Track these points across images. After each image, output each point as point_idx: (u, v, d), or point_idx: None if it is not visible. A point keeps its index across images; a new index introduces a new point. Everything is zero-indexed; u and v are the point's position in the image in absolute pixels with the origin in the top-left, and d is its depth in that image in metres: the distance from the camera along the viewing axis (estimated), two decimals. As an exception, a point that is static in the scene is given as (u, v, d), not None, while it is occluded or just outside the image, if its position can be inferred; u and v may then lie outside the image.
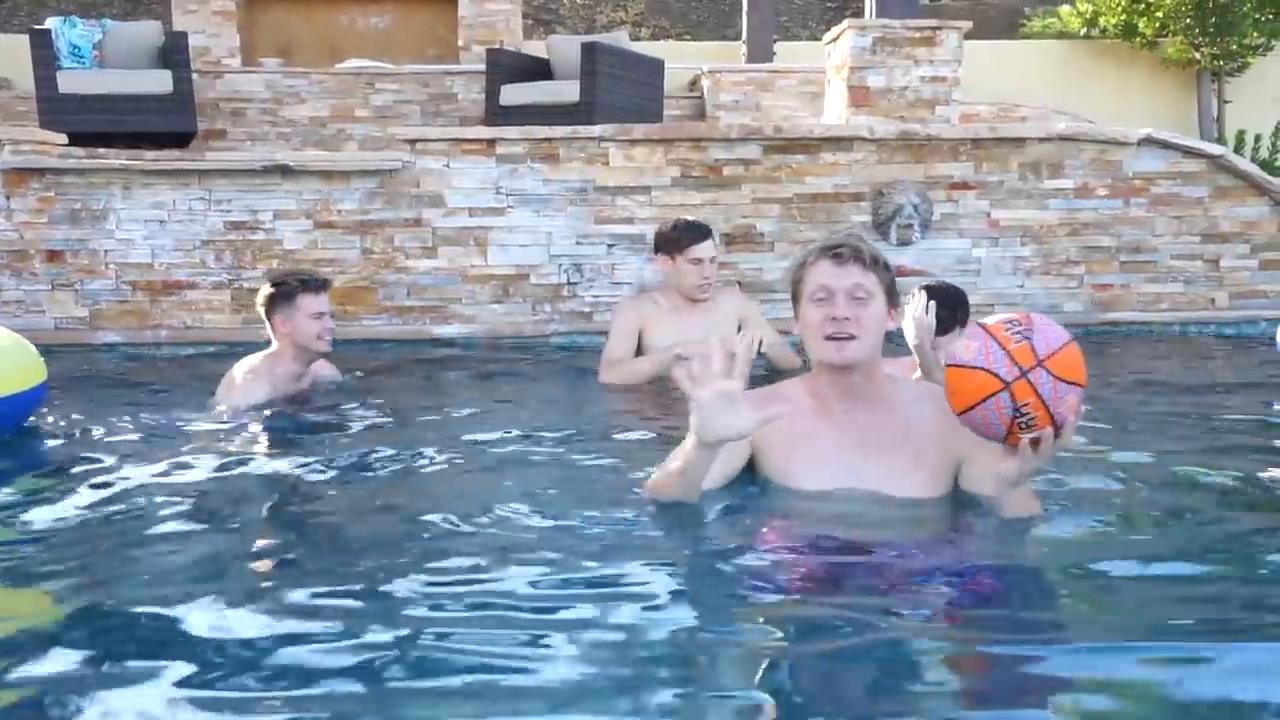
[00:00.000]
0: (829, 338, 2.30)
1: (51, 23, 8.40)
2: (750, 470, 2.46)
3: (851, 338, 2.29)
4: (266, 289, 4.15)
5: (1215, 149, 6.84)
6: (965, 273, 6.48)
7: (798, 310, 2.41)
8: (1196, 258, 6.75)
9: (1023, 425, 2.04)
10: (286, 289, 4.06)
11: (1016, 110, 10.39)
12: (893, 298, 2.36)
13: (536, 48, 10.11)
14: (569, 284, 6.43)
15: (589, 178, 6.41)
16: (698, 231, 4.61)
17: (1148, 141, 6.65)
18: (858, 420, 2.37)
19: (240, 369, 4.14)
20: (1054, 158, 6.63)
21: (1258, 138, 11.76)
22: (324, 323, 4.08)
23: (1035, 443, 2.03)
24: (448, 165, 6.35)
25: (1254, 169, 6.77)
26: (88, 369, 5.33)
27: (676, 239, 4.62)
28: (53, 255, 6.15)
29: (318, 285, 4.08)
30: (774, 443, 2.40)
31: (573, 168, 6.40)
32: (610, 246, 6.44)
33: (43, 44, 8.09)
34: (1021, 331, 2.08)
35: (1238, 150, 11.39)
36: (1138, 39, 11.95)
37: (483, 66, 9.06)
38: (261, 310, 4.16)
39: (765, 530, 2.27)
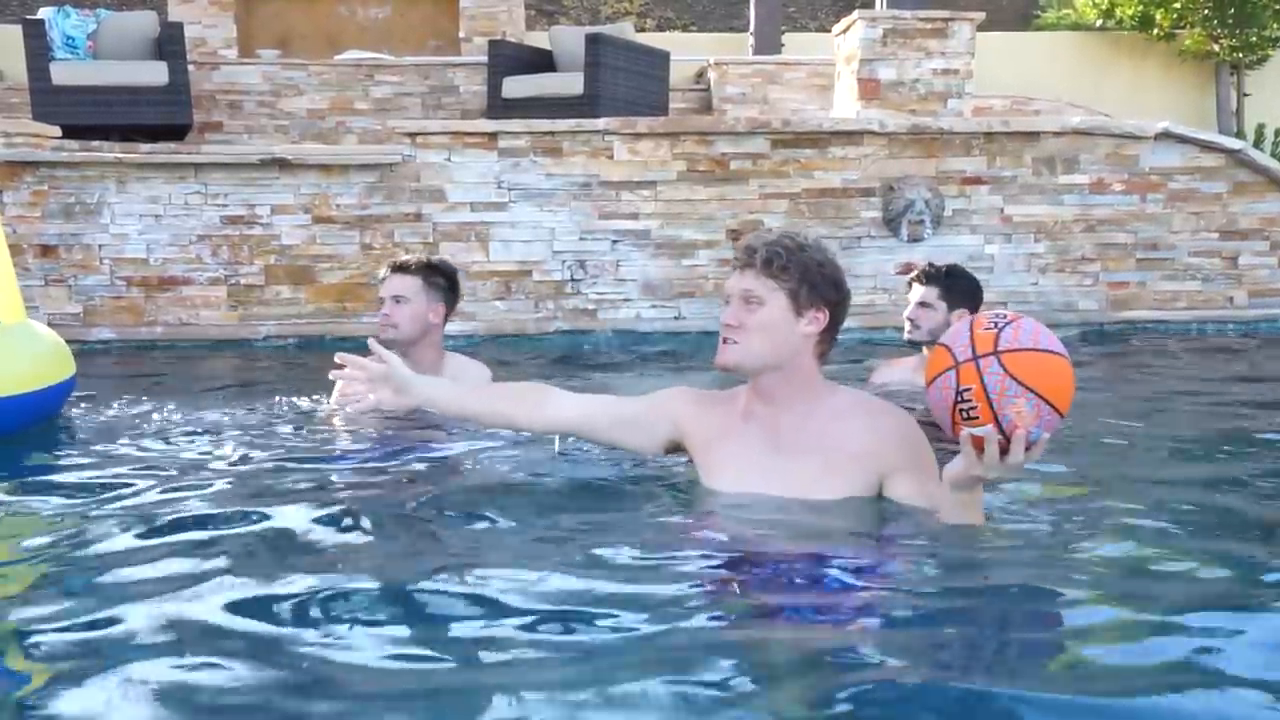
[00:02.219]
0: (722, 340, 2.35)
1: (45, 13, 8.41)
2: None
3: (733, 342, 2.31)
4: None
5: (1234, 143, 6.83)
6: (977, 270, 6.40)
7: None
8: (1214, 255, 6.73)
9: (964, 414, 1.98)
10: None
11: (1030, 103, 10.37)
12: (803, 300, 2.29)
13: (539, 39, 10.11)
14: (572, 281, 6.44)
15: (593, 172, 6.41)
16: None
17: (1165, 135, 6.64)
18: (776, 424, 2.38)
19: None
20: (1068, 152, 6.62)
21: (1278, 131, 11.74)
22: (383, 308, 3.70)
23: (981, 445, 1.99)
24: (448, 159, 6.35)
25: (1274, 164, 6.76)
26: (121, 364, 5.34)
27: None
28: (46, 250, 6.16)
29: (390, 268, 3.74)
30: (699, 441, 2.49)
31: (576, 162, 6.40)
32: (614, 243, 6.44)
33: (36, 34, 8.11)
34: (998, 321, 2.03)
35: (1257, 144, 11.37)
36: (1155, 30, 11.93)
37: (484, 58, 9.06)
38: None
39: (679, 529, 2.34)
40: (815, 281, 2.31)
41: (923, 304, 4.02)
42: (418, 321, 3.67)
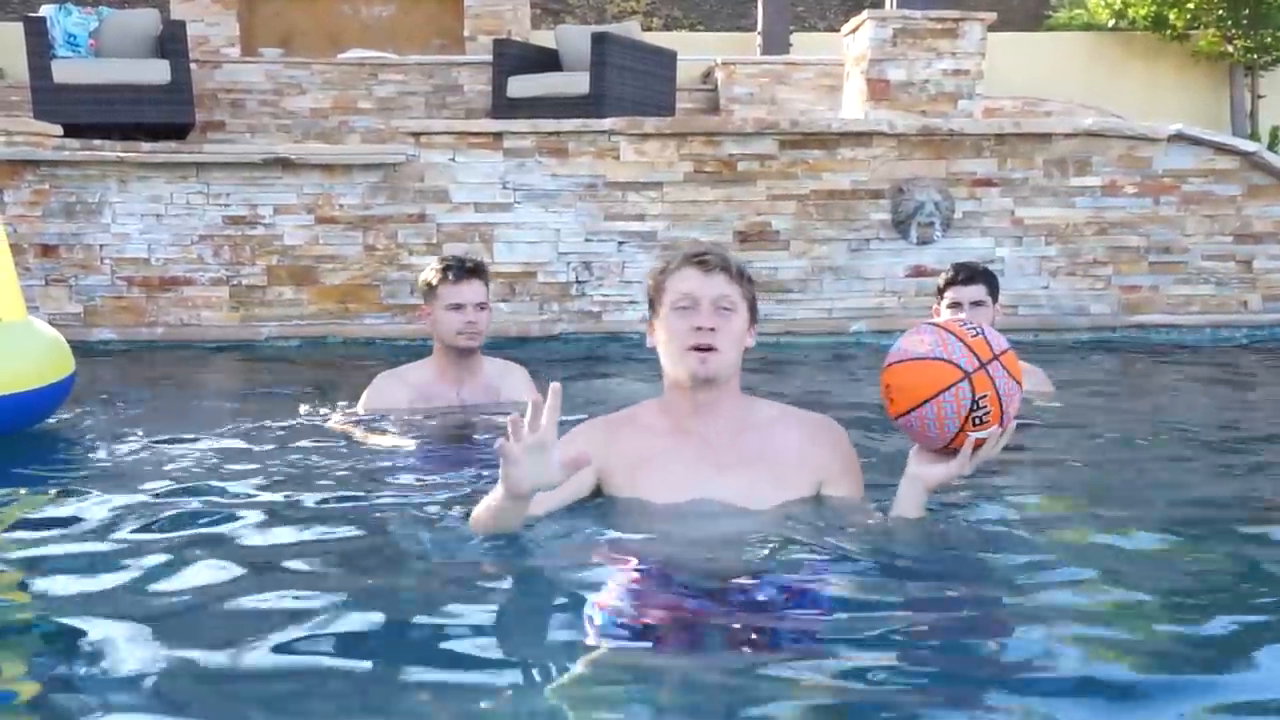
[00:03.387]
0: (693, 348, 2.22)
1: (46, 10, 8.44)
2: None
3: (714, 349, 2.22)
4: (422, 274, 3.69)
5: (1248, 145, 6.82)
6: (988, 273, 6.47)
7: (655, 321, 2.31)
8: (1228, 258, 6.72)
9: (976, 421, 2.07)
10: (430, 276, 3.57)
11: (1042, 105, 10.36)
12: (753, 314, 2.30)
13: (545, 38, 10.13)
14: (577, 283, 6.44)
15: (599, 173, 6.41)
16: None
17: (1178, 138, 6.63)
18: (713, 440, 2.29)
19: (385, 372, 3.73)
20: (1081, 154, 6.61)
21: (1293, 134, 11.72)
22: (464, 315, 3.49)
23: (979, 444, 2.09)
24: (453, 159, 6.36)
25: (1289, 167, 6.75)
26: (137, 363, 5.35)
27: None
28: (46, 250, 6.18)
29: (460, 272, 3.52)
30: (618, 467, 2.32)
31: (582, 162, 6.41)
32: (620, 244, 6.45)
33: (37, 32, 8.13)
34: (974, 327, 2.14)
35: (1272, 147, 11.35)
36: (1168, 31, 11.92)
37: (489, 57, 9.08)
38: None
39: (610, 551, 2.18)
40: (755, 298, 2.34)
41: (977, 303, 4.00)
42: (487, 326, 3.58)
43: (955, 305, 4.03)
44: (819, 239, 6.54)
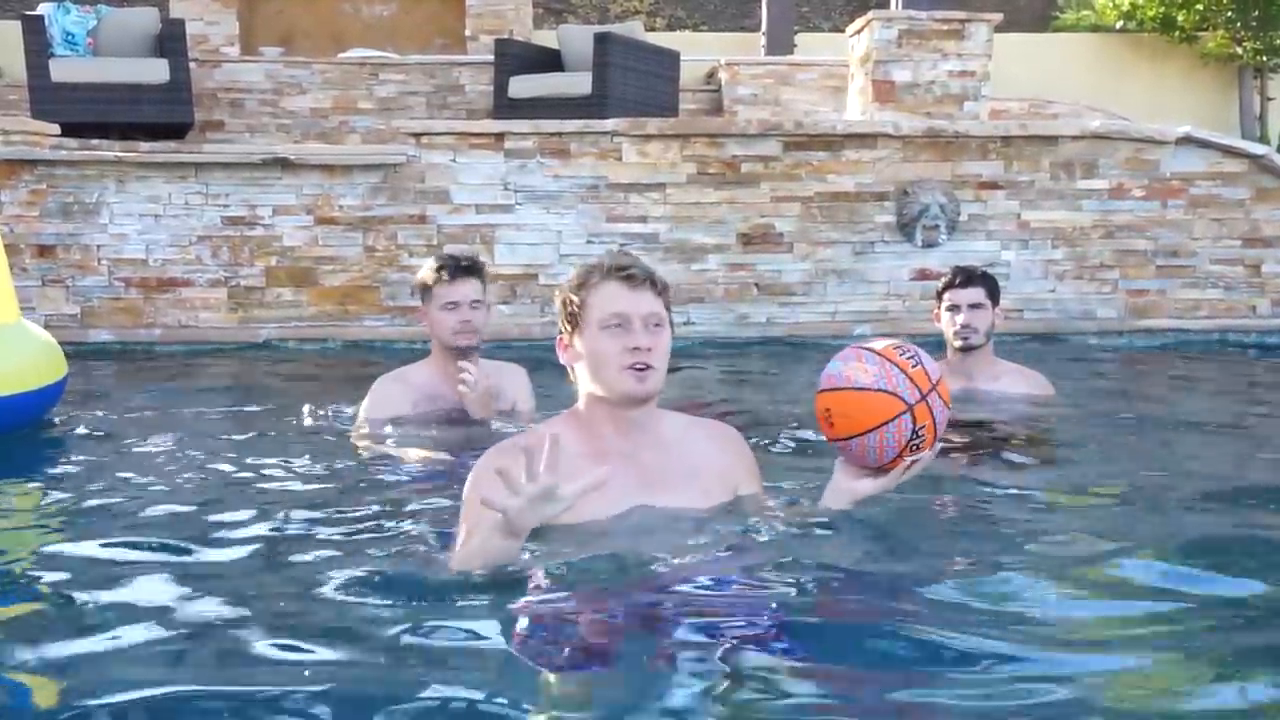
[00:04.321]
0: (630, 368, 2.17)
1: (44, 8, 8.45)
2: None
3: (653, 369, 2.19)
4: (418, 274, 3.62)
5: (1257, 148, 6.81)
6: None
7: (574, 335, 2.23)
8: (1237, 263, 6.72)
9: (913, 447, 2.19)
10: (425, 275, 3.51)
11: (1048, 106, 10.36)
12: (672, 326, 2.27)
13: (547, 38, 10.13)
14: (579, 284, 6.43)
15: (601, 174, 6.42)
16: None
17: (1186, 140, 6.63)
18: (641, 459, 2.25)
19: (384, 376, 3.68)
20: (1087, 156, 6.61)
21: (1302, 137, 11.71)
22: (459, 314, 3.45)
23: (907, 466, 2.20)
24: (454, 160, 6.37)
25: (1298, 170, 6.74)
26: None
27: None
28: (43, 250, 6.19)
29: (456, 270, 3.47)
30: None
31: (584, 163, 6.41)
32: (623, 246, 6.44)
33: (35, 30, 8.14)
34: (913, 356, 2.23)
35: (1281, 150, 11.34)
36: (1176, 32, 11.90)
37: (491, 57, 9.08)
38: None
39: (549, 576, 2.10)
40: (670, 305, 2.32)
41: (975, 305, 4.01)
42: (485, 325, 3.55)
43: (954, 308, 4.04)
44: (823, 241, 6.54)
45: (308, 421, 3.92)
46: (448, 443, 3.38)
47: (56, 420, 3.93)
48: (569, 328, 2.26)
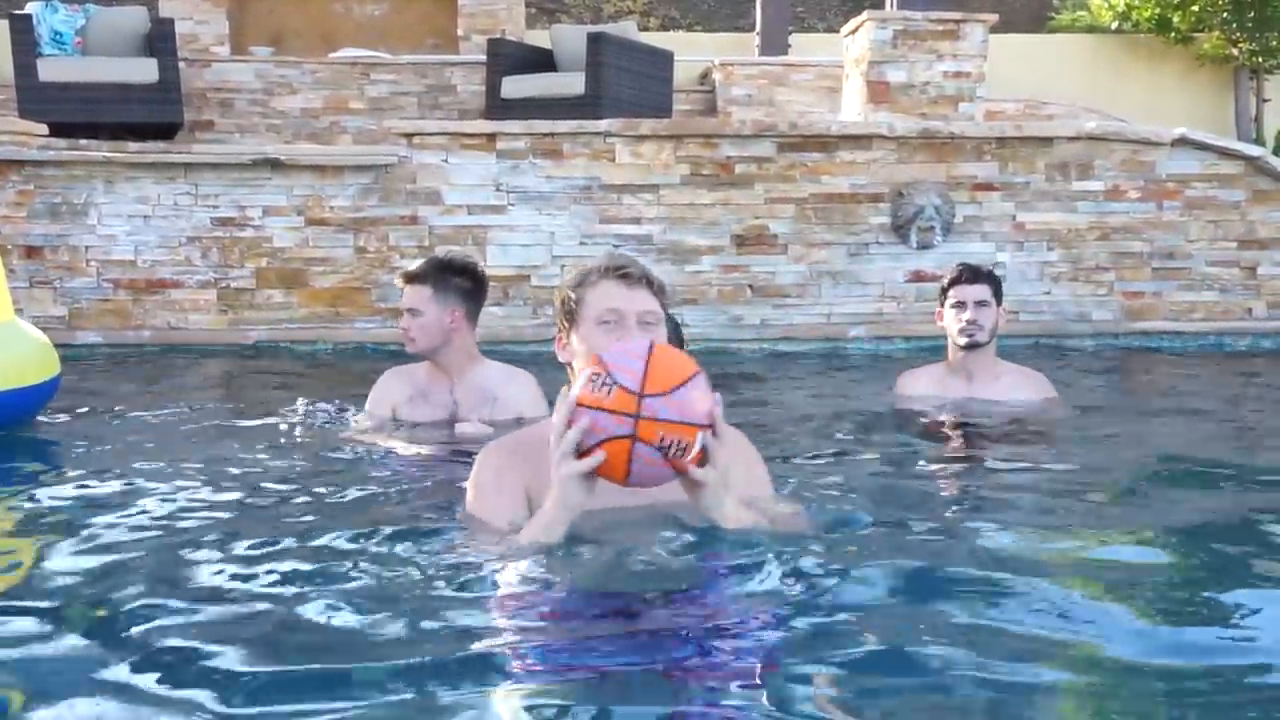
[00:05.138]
0: None
1: (32, 7, 8.43)
2: None
3: None
4: None
5: (1253, 150, 6.84)
6: (989, 278, 6.48)
7: (570, 334, 2.25)
8: (1233, 265, 6.74)
9: (678, 454, 1.95)
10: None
11: (1044, 108, 10.39)
12: (667, 327, 2.29)
13: (540, 38, 10.13)
14: (572, 286, 6.43)
15: (594, 175, 6.42)
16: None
17: (1182, 142, 6.65)
18: None
19: (394, 367, 3.82)
20: (1083, 158, 6.63)
21: (1298, 139, 11.75)
22: (402, 320, 3.63)
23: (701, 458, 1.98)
24: (446, 160, 6.36)
25: (1294, 172, 6.77)
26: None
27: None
28: (31, 251, 6.17)
29: (407, 275, 3.64)
30: (544, 486, 2.19)
31: (577, 164, 6.41)
32: (616, 247, 6.44)
33: (23, 29, 8.13)
34: (604, 380, 1.96)
35: (1277, 152, 11.38)
36: (1172, 33, 11.95)
37: (483, 57, 9.08)
38: None
39: (546, 571, 2.13)
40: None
41: (981, 302, 4.01)
42: (434, 331, 3.58)
43: (959, 305, 4.03)
44: (817, 243, 6.55)
45: (300, 417, 3.93)
46: (436, 440, 3.42)
47: (44, 422, 3.93)
48: (566, 325, 2.28)
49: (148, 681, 1.75)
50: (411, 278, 3.63)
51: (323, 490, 2.98)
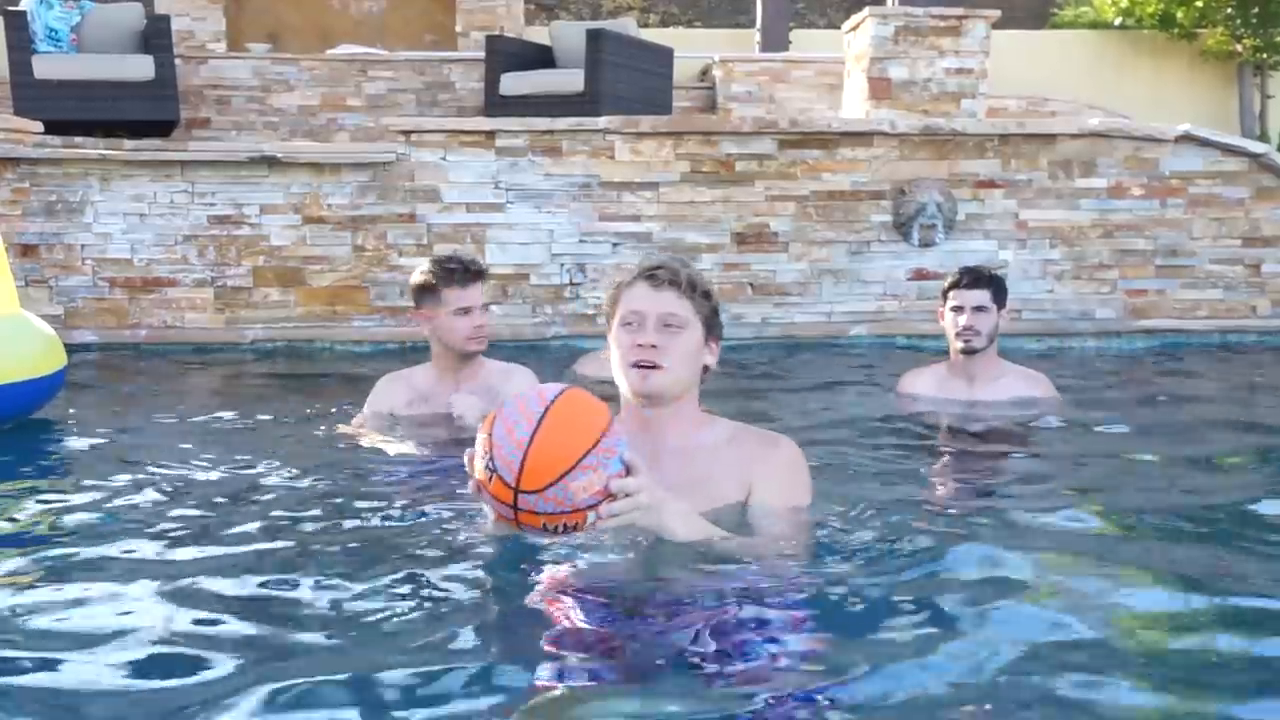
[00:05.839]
0: (635, 365, 2.22)
1: (27, 4, 8.42)
2: None
3: (656, 367, 2.21)
4: (414, 276, 3.61)
5: (1257, 147, 6.84)
6: (991, 276, 6.48)
7: (609, 331, 2.31)
8: (1237, 262, 6.74)
9: (568, 531, 1.94)
10: (430, 280, 3.53)
11: (1046, 104, 10.38)
12: (712, 330, 2.28)
13: (539, 34, 10.13)
14: (571, 285, 6.44)
15: (593, 172, 6.42)
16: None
17: (1186, 139, 6.65)
18: (660, 458, 2.26)
19: (391, 374, 3.77)
20: (1086, 155, 6.63)
21: (1302, 135, 11.75)
22: (472, 319, 3.50)
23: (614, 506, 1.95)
24: (444, 158, 6.36)
25: (1298, 169, 6.76)
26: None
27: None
28: (26, 250, 6.16)
29: (466, 275, 3.51)
30: None
31: (576, 162, 6.41)
32: (615, 245, 6.45)
33: (18, 26, 8.12)
34: (487, 463, 1.91)
35: (1281, 148, 11.38)
36: (1175, 29, 11.94)
37: (482, 54, 9.07)
38: (413, 303, 3.65)
39: (551, 562, 2.20)
40: (718, 311, 2.32)
41: (980, 308, 4.02)
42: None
43: (958, 309, 4.05)
44: (818, 241, 6.54)
45: (298, 417, 3.93)
46: (438, 441, 3.40)
47: (41, 420, 3.93)
48: (607, 324, 2.34)
49: (146, 681, 1.75)
50: (484, 273, 3.60)
51: (322, 491, 2.98)
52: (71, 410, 4.19)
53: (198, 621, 2.01)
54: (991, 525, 2.63)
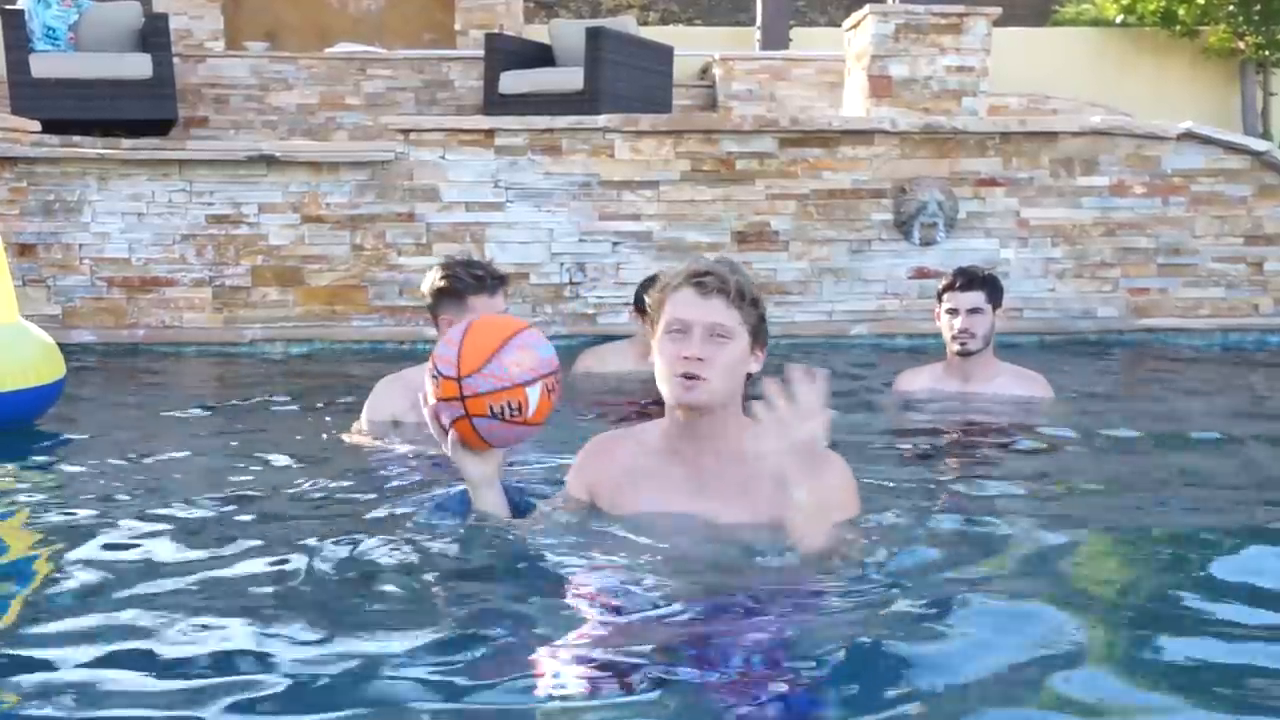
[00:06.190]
0: (681, 376, 2.20)
1: (24, 2, 8.42)
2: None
3: (701, 379, 2.19)
4: (435, 280, 3.52)
5: (1260, 144, 6.84)
6: (992, 275, 6.48)
7: (653, 337, 2.30)
8: (1239, 261, 6.73)
9: (515, 414, 2.20)
10: (457, 286, 3.48)
11: (1048, 102, 10.38)
12: (758, 338, 2.26)
13: (538, 33, 10.12)
14: (571, 284, 6.44)
15: (593, 171, 6.42)
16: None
17: (1188, 136, 6.65)
18: (702, 465, 2.29)
19: (388, 376, 3.73)
20: (1088, 153, 6.62)
21: (1305, 133, 11.74)
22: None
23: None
24: (443, 157, 6.36)
25: (1301, 167, 6.76)
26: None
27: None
28: (24, 249, 6.16)
29: (495, 283, 3.52)
30: (605, 481, 2.39)
31: (576, 160, 6.41)
32: (615, 244, 6.45)
33: (15, 25, 8.11)
34: (433, 373, 2.24)
35: (1283, 146, 11.37)
36: (1177, 27, 11.93)
37: (481, 52, 9.07)
38: (428, 305, 3.58)
39: (577, 562, 2.24)
40: (764, 318, 2.30)
41: (975, 309, 4.03)
42: None
43: (953, 312, 4.07)
44: (819, 240, 6.54)
45: (296, 417, 3.93)
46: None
47: (41, 421, 3.93)
48: (651, 330, 2.32)
49: (145, 681, 1.75)
50: (506, 282, 3.71)
51: (323, 490, 2.98)
52: (68, 411, 4.18)
53: (198, 621, 2.01)
54: (985, 525, 2.62)
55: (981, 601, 2.10)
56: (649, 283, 4.58)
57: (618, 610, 2.04)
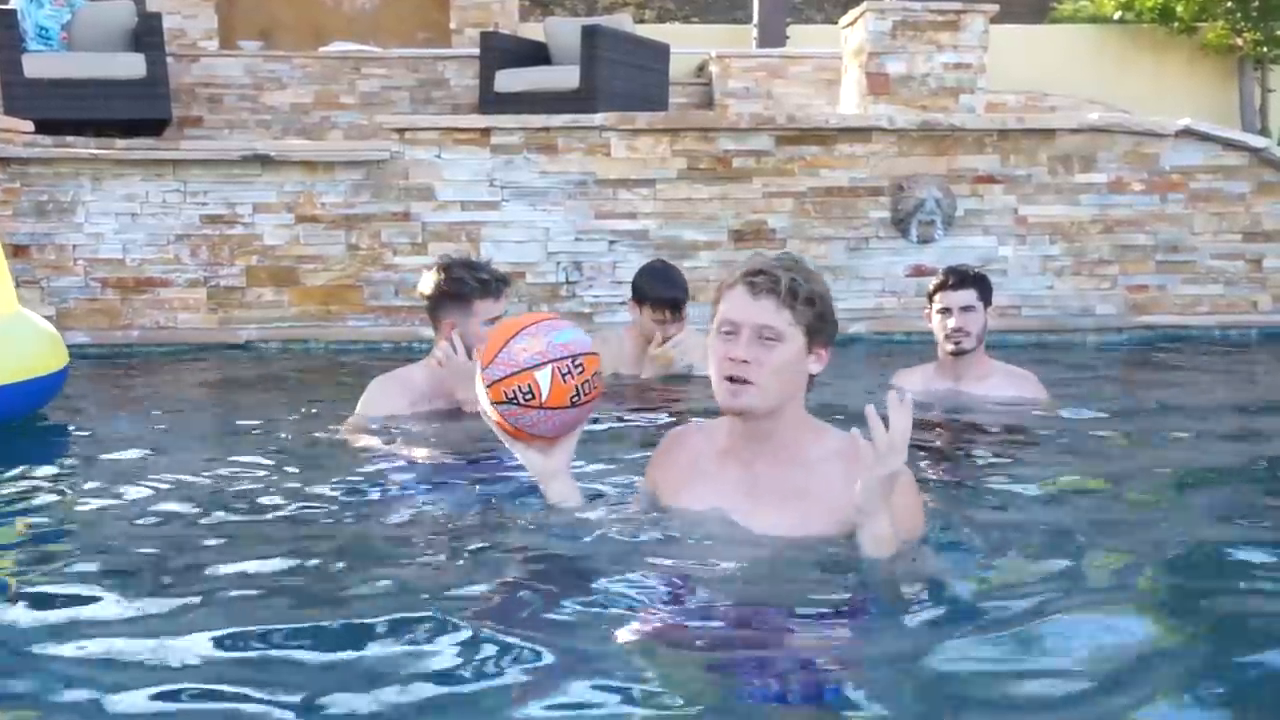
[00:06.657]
0: (727, 378, 2.16)
1: (17, 2, 8.41)
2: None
3: (748, 383, 2.14)
4: (438, 282, 3.46)
5: (1258, 141, 6.85)
6: (990, 272, 6.42)
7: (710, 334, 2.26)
8: (1238, 258, 6.75)
9: (529, 398, 2.31)
10: (463, 290, 3.43)
11: (1046, 99, 10.40)
12: (816, 337, 2.18)
13: (534, 31, 10.12)
14: (568, 283, 6.45)
15: (589, 170, 6.42)
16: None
17: (1186, 133, 6.66)
18: (757, 469, 2.26)
19: (382, 375, 3.69)
20: (1086, 150, 6.63)
21: (1303, 130, 11.76)
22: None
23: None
24: (439, 156, 6.36)
25: (1299, 163, 6.78)
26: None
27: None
28: (17, 250, 6.16)
29: (500, 286, 3.49)
30: (667, 477, 2.39)
31: (572, 159, 6.41)
32: (612, 243, 6.46)
33: (7, 25, 8.11)
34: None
35: (1282, 143, 11.39)
36: (1176, 23, 11.95)
37: (476, 51, 9.07)
38: (428, 307, 3.53)
39: (631, 557, 2.25)
40: (826, 316, 2.21)
41: (967, 308, 4.03)
42: None
43: (945, 311, 4.07)
44: (817, 238, 6.55)
45: (294, 418, 3.93)
46: (450, 440, 3.37)
47: (37, 420, 3.93)
48: (711, 321, 2.29)
49: (144, 680, 1.75)
50: (509, 284, 3.77)
51: (320, 490, 2.98)
52: (63, 412, 4.18)
53: (197, 622, 2.01)
54: (977, 523, 2.63)
55: (981, 603, 2.10)
56: (646, 271, 4.63)
57: (643, 610, 2.03)
